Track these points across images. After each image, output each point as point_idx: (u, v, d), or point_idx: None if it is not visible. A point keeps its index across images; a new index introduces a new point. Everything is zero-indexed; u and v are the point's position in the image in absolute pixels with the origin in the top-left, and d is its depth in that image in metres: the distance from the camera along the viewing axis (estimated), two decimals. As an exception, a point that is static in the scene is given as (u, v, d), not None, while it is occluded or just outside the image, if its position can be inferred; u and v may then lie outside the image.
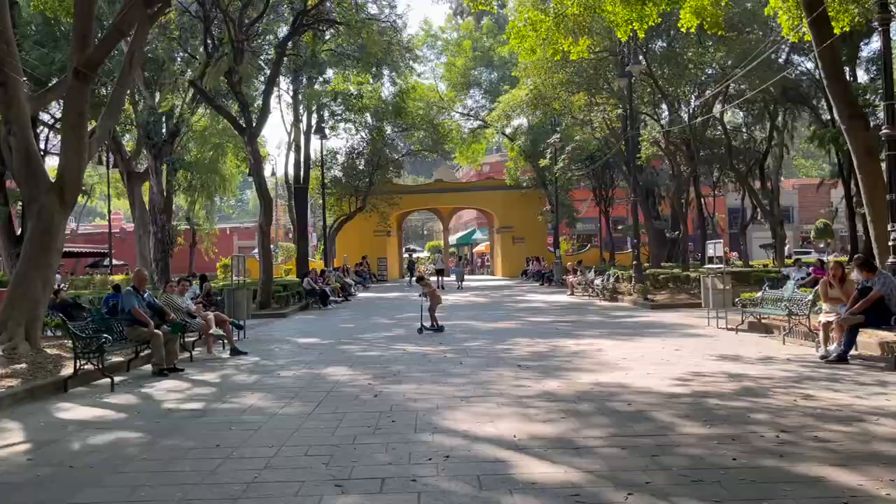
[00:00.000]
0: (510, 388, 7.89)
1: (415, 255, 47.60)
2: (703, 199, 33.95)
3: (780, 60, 26.30)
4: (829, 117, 34.79)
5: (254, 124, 20.40)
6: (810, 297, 10.93)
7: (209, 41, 19.48)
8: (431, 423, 6.31)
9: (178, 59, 23.67)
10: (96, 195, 48.38)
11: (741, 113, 34.68)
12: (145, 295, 10.30)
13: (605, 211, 39.95)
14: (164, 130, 26.45)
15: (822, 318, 9.61)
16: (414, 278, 35.21)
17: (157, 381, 9.17)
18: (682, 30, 14.64)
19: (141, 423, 6.72)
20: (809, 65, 31.59)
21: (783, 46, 22.68)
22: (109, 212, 38.95)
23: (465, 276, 33.78)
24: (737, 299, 13.10)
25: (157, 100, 24.47)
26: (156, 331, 9.65)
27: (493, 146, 64.69)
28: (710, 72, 23.14)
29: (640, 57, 21.46)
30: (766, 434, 5.57)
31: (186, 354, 11.14)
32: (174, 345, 10.10)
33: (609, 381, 8.08)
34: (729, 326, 13.25)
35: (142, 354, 10.32)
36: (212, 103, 20.44)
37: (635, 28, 14.79)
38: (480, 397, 7.39)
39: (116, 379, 8.99)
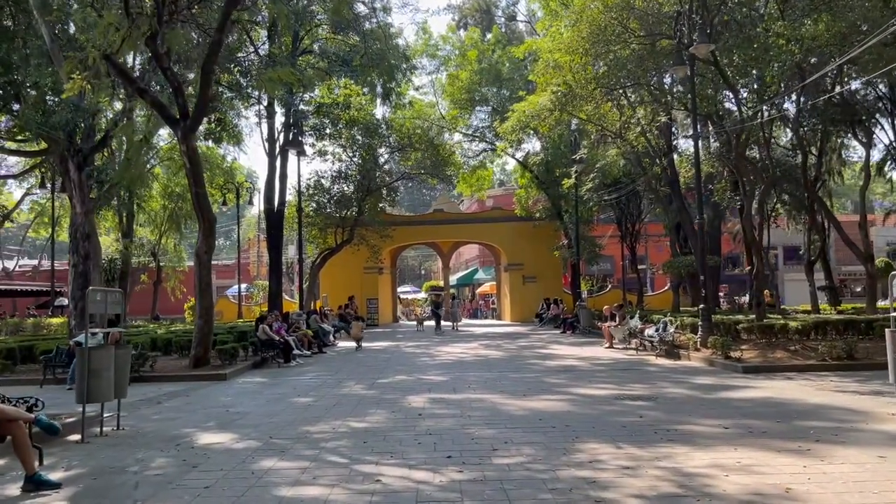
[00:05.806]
0: None
1: (436, 295, 40.46)
2: (757, 230, 28.34)
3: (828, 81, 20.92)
4: (890, 140, 29.37)
5: (189, 114, 14.87)
6: None
7: (130, -3, 14.04)
8: None
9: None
10: (63, 228, 42.56)
11: (788, 131, 29.39)
12: None
13: (633, 246, 34.41)
14: (95, 136, 20.93)
15: None
16: (447, 323, 29.63)
17: None
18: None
19: None
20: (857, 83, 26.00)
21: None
22: (53, 242, 33.26)
23: (463, 320, 27.81)
24: None
25: (85, 96, 18.88)
26: None
27: (496, 181, 59.21)
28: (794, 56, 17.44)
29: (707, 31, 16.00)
30: None
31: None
32: None
33: None
34: (959, 421, 7.53)
35: None
36: (132, 83, 14.95)
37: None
38: None
39: None
